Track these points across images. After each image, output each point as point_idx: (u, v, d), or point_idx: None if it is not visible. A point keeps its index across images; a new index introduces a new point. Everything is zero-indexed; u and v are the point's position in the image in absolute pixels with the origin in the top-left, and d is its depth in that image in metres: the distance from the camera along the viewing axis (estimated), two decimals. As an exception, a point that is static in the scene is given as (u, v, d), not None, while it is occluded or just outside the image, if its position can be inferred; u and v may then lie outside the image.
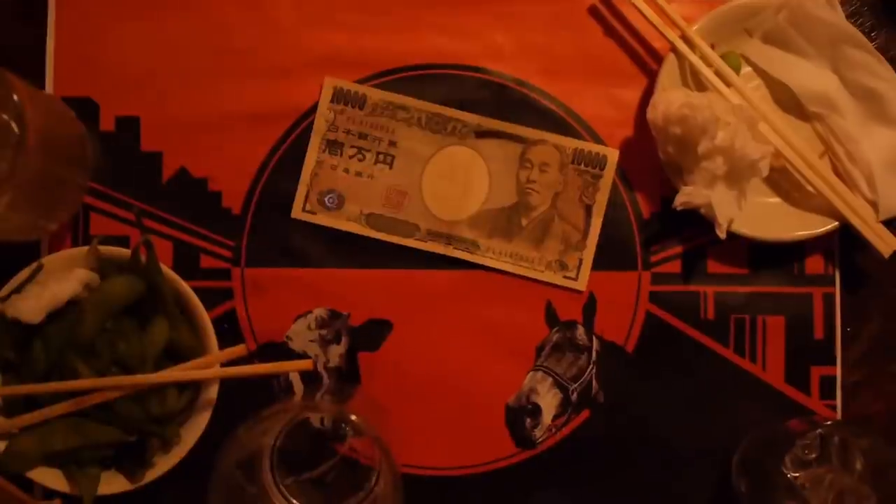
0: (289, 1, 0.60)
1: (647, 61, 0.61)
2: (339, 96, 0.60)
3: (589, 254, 0.59)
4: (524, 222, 0.59)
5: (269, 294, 0.59)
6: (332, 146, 0.59)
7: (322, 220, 0.59)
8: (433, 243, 0.59)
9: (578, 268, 0.59)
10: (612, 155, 0.59)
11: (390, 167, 0.59)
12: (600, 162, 0.59)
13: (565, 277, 0.59)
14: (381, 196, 0.59)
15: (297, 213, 0.59)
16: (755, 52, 0.60)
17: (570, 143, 0.60)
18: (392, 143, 0.60)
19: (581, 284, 0.59)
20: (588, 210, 0.59)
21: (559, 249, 0.59)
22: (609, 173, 0.59)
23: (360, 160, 0.60)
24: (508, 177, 0.60)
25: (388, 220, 0.59)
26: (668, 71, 0.58)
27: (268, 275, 0.59)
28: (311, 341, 0.59)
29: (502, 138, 0.60)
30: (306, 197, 0.59)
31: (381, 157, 0.60)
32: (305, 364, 0.56)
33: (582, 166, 0.59)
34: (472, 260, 0.59)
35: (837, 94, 0.59)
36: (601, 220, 0.59)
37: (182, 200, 0.59)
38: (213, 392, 0.54)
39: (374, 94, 0.60)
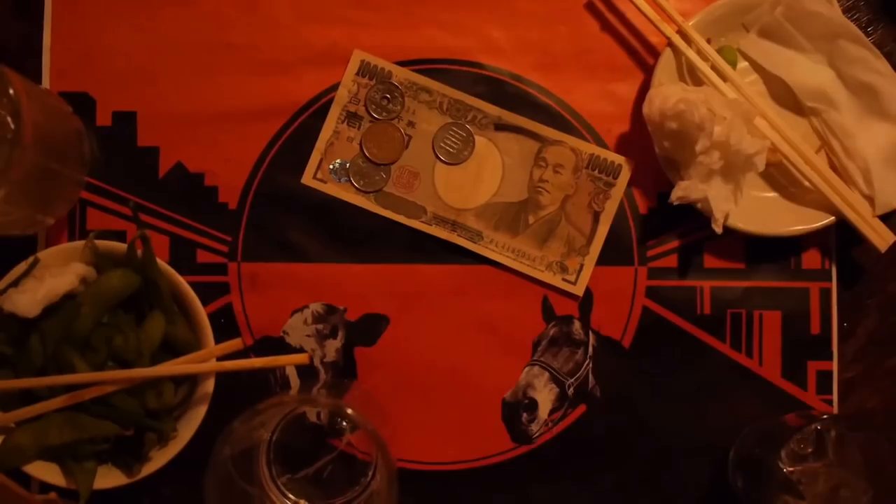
0: (286, -4, 0.61)
1: (643, 56, 0.61)
2: (365, 70, 0.60)
3: (591, 260, 0.59)
4: (531, 220, 0.59)
5: (266, 289, 0.59)
6: (352, 118, 0.59)
7: (331, 189, 0.59)
8: (438, 228, 0.59)
9: (578, 272, 0.59)
10: (628, 165, 0.59)
11: (406, 147, 0.60)
12: (615, 171, 0.59)
13: (564, 280, 0.59)
14: (393, 174, 0.60)
15: (307, 179, 0.59)
16: (752, 46, 0.60)
17: (587, 148, 0.60)
18: (411, 124, 0.60)
19: (579, 289, 0.59)
20: (596, 217, 0.59)
21: (562, 252, 0.59)
22: (622, 183, 0.59)
23: None
24: (521, 173, 0.60)
25: (397, 199, 0.59)
26: (665, 66, 0.58)
27: (264, 269, 0.59)
28: (308, 336, 0.59)
29: (521, 134, 0.60)
30: (318, 165, 0.59)
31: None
32: (302, 358, 0.56)
33: (596, 172, 0.59)
34: (473, 250, 0.59)
35: (834, 89, 0.59)
36: (608, 228, 0.59)
37: (179, 195, 0.59)
38: (209, 386, 0.54)
39: (400, 73, 0.60)
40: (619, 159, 0.60)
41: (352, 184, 0.59)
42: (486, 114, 0.60)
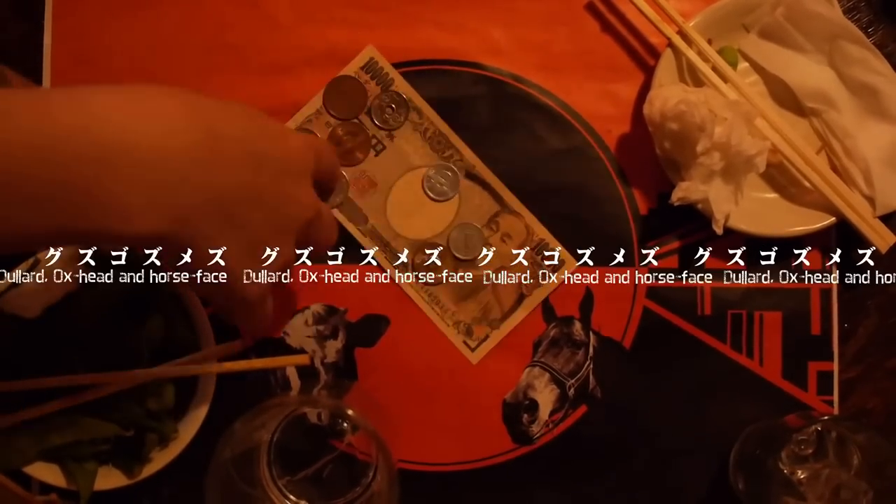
0: (286, -3, 0.60)
1: (643, 57, 0.61)
2: (371, 68, 0.59)
3: (497, 335, 0.58)
4: None
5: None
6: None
7: None
8: (371, 240, 0.59)
9: (481, 342, 0.59)
10: (570, 265, 0.59)
11: (376, 155, 0.59)
12: (556, 266, 0.59)
13: (464, 343, 0.58)
14: (354, 176, 0.59)
15: None
16: (752, 47, 0.60)
17: (540, 232, 0.59)
18: (390, 135, 0.60)
19: (473, 358, 0.59)
20: (520, 299, 0.59)
21: (474, 316, 0.59)
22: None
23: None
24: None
25: (349, 202, 0.59)
26: (665, 66, 0.58)
27: (265, 270, 0.59)
28: (308, 337, 0.59)
29: (486, 190, 0.59)
30: None
31: (375, 140, 0.60)
32: (302, 359, 0.56)
33: (539, 258, 0.59)
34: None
35: (834, 89, 0.59)
36: (526, 314, 0.59)
37: (179, 196, 0.59)
38: (210, 387, 0.54)
39: (401, 85, 0.60)
40: (564, 256, 0.59)
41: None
42: (463, 158, 0.59)
